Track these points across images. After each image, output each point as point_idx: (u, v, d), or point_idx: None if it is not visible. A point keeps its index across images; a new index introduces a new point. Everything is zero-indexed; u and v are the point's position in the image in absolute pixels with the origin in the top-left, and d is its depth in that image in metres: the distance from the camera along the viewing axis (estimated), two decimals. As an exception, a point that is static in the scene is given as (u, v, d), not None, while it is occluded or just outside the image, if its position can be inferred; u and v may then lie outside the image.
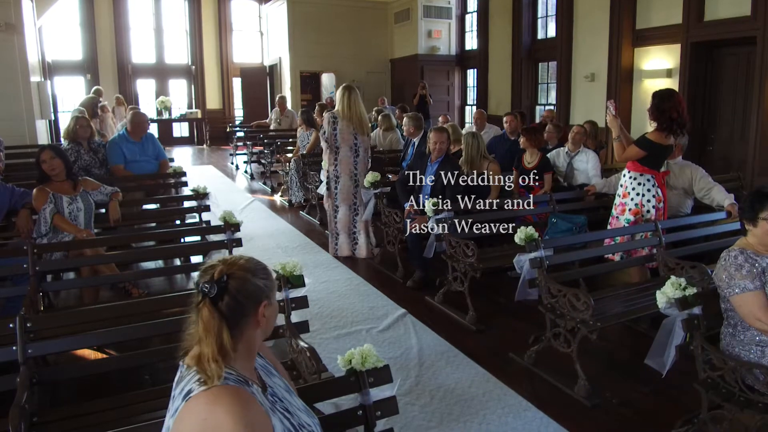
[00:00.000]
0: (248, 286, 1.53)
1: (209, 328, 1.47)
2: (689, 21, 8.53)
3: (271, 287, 1.61)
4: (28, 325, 2.50)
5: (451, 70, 15.76)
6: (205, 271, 1.54)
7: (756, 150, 7.69)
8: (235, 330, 1.50)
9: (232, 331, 1.49)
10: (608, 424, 3.15)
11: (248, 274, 1.54)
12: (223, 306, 1.49)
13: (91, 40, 15.74)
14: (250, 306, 1.54)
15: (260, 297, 1.56)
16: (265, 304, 1.57)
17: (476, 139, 5.62)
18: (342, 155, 5.84)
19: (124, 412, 2.46)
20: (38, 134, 8.70)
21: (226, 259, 1.57)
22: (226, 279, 1.50)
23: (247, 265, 1.57)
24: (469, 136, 5.65)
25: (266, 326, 1.60)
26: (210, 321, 1.48)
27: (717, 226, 4.64)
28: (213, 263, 1.57)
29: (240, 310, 1.52)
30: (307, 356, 2.63)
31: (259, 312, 1.56)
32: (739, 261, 2.65)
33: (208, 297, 1.49)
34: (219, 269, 1.52)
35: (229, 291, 1.50)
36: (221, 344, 1.46)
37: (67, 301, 4.81)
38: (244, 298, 1.52)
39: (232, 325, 1.50)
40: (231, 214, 4.18)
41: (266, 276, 1.60)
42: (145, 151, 5.99)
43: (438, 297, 4.83)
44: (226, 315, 1.49)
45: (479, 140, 5.66)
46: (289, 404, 1.65)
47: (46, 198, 4.27)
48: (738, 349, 2.72)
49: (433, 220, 4.68)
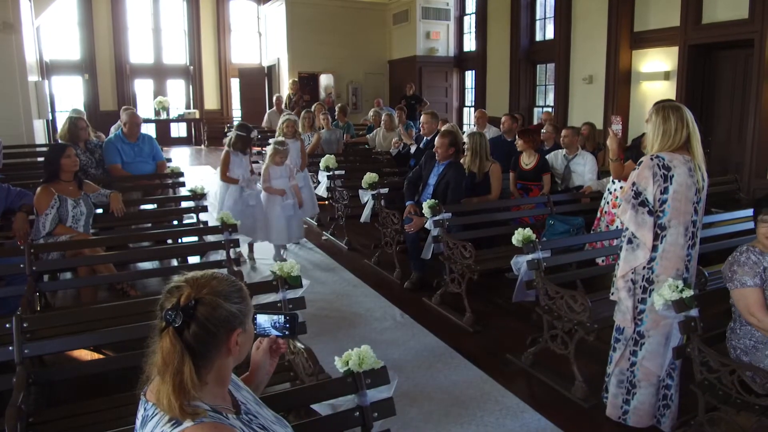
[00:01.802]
0: (219, 313, 1.33)
1: (168, 362, 1.28)
2: (687, 23, 8.55)
3: (245, 312, 1.41)
4: (24, 325, 2.50)
5: (449, 72, 15.76)
6: (169, 294, 1.34)
7: (753, 152, 7.71)
8: (202, 361, 1.32)
9: (198, 363, 1.31)
10: (605, 425, 3.15)
11: (219, 299, 1.34)
12: (189, 336, 1.30)
13: (89, 40, 15.71)
14: (221, 334, 1.34)
15: (233, 324, 1.36)
16: (239, 332, 1.38)
17: (483, 139, 5.64)
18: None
19: (120, 413, 2.46)
20: (35, 134, 8.69)
21: (196, 279, 1.36)
22: (193, 305, 1.31)
23: (218, 288, 1.36)
24: (477, 136, 5.65)
25: (239, 354, 1.41)
26: (171, 354, 1.28)
27: (714, 228, 4.66)
28: (179, 284, 1.36)
29: (209, 340, 1.32)
30: (305, 357, 2.63)
31: (232, 340, 1.37)
32: (743, 258, 2.78)
33: (172, 326, 1.29)
34: (186, 293, 1.32)
35: (197, 319, 1.30)
36: (181, 381, 1.27)
37: (65, 301, 4.80)
38: (214, 326, 1.32)
39: (199, 356, 1.31)
40: (228, 214, 4.18)
41: (241, 299, 1.40)
42: (142, 152, 5.96)
43: (435, 298, 4.84)
44: (192, 346, 1.30)
45: (486, 139, 5.68)
46: (263, 419, 1.52)
47: (51, 199, 4.23)
48: (734, 342, 2.83)
49: (431, 221, 4.68)
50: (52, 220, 4.22)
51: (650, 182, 2.85)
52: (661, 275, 2.89)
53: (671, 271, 2.89)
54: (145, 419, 1.34)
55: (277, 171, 5.75)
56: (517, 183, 5.92)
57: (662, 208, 2.87)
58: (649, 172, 2.85)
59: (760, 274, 2.73)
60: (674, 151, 2.88)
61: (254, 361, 1.76)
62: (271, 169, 5.73)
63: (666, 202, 2.86)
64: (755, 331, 2.74)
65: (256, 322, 1.69)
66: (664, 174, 2.85)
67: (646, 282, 2.92)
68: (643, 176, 2.87)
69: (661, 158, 2.86)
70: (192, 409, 1.27)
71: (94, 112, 15.31)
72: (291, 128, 6.67)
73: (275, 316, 1.70)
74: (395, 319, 4.54)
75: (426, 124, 6.80)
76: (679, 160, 2.88)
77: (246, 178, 5.70)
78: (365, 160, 8.42)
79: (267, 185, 5.71)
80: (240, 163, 5.71)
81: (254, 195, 5.77)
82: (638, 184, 2.89)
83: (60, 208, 4.27)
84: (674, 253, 2.89)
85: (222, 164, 5.72)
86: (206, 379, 1.35)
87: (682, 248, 2.91)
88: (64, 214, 4.29)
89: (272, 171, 5.73)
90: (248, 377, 1.75)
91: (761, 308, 2.69)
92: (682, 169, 2.87)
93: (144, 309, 3.07)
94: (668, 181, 2.85)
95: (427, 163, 5.37)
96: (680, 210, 2.88)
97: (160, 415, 1.29)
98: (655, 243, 2.89)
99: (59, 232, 4.23)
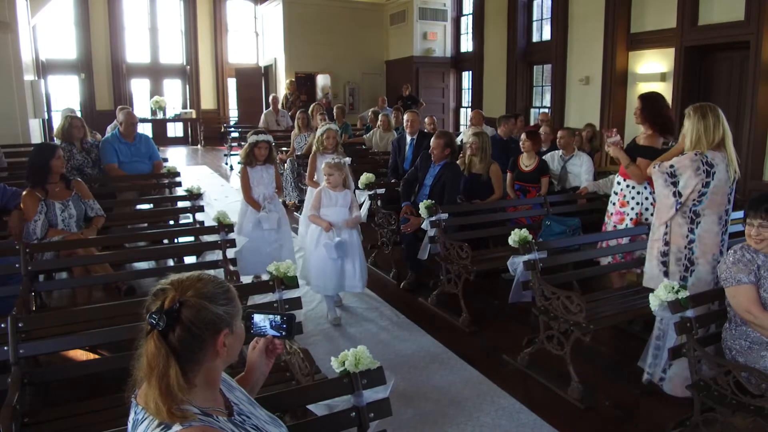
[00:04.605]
0: (204, 316, 1.33)
1: (153, 365, 1.27)
2: (683, 25, 8.57)
3: (233, 313, 1.40)
4: (20, 325, 2.49)
5: (446, 72, 15.76)
6: (155, 297, 1.34)
7: (749, 154, 7.72)
8: (189, 364, 1.32)
9: (185, 366, 1.30)
10: (601, 426, 3.16)
11: (205, 301, 1.34)
12: (174, 339, 1.29)
13: (86, 39, 15.66)
14: (207, 337, 1.34)
15: (219, 326, 1.35)
16: (226, 333, 1.37)
17: (489, 138, 5.64)
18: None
19: (116, 413, 2.44)
20: (31, 133, 8.66)
21: (181, 281, 1.36)
22: (178, 307, 1.30)
23: (204, 290, 1.35)
24: (484, 135, 5.66)
25: (228, 356, 1.40)
26: (155, 357, 1.27)
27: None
28: (164, 286, 1.35)
29: (195, 343, 1.32)
30: (301, 358, 2.63)
31: (218, 342, 1.36)
32: (738, 255, 2.82)
33: (156, 330, 1.29)
34: (170, 296, 1.32)
35: (182, 322, 1.30)
36: (167, 385, 1.26)
37: (60, 301, 4.79)
38: (199, 329, 1.32)
39: (185, 359, 1.30)
40: (225, 214, 4.17)
41: (228, 301, 1.39)
42: (138, 152, 5.95)
43: (432, 299, 4.84)
44: (177, 349, 1.29)
45: (489, 139, 5.69)
46: (256, 419, 1.51)
47: (38, 204, 4.17)
48: (729, 343, 2.83)
49: (428, 222, 4.68)
50: (42, 225, 4.17)
51: (689, 172, 3.24)
52: (701, 258, 3.32)
53: (708, 255, 3.31)
54: (135, 423, 1.33)
55: (332, 197, 4.48)
56: (514, 184, 5.92)
57: (700, 198, 3.28)
58: (691, 164, 3.24)
59: (754, 271, 2.76)
60: (714, 149, 3.26)
61: (250, 361, 1.76)
62: (324, 193, 4.48)
63: (705, 195, 3.27)
64: (751, 332, 2.75)
65: (252, 322, 1.68)
66: (707, 170, 3.23)
67: (689, 262, 3.35)
68: (683, 164, 3.27)
69: (705, 156, 3.25)
70: (181, 413, 1.26)
71: (90, 111, 15.30)
72: (333, 141, 5.51)
73: (272, 316, 1.70)
74: (391, 319, 4.54)
75: (412, 122, 6.58)
76: (719, 158, 3.26)
77: (269, 195, 4.86)
78: (362, 160, 8.41)
79: (313, 214, 4.44)
80: (261, 179, 4.85)
81: (272, 218, 4.83)
82: (676, 168, 3.29)
83: (48, 212, 4.22)
84: (710, 239, 3.31)
85: (242, 183, 4.93)
86: (194, 381, 1.34)
87: (717, 235, 3.33)
88: (52, 218, 4.24)
89: (326, 197, 4.47)
90: (244, 377, 1.75)
91: (756, 305, 2.71)
92: (722, 166, 3.26)
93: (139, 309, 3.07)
94: (710, 177, 3.24)
95: (422, 164, 5.37)
96: (716, 201, 3.30)
97: (150, 419, 1.28)
98: (691, 227, 3.33)
99: (51, 235, 4.20)
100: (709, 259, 3.31)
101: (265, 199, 4.82)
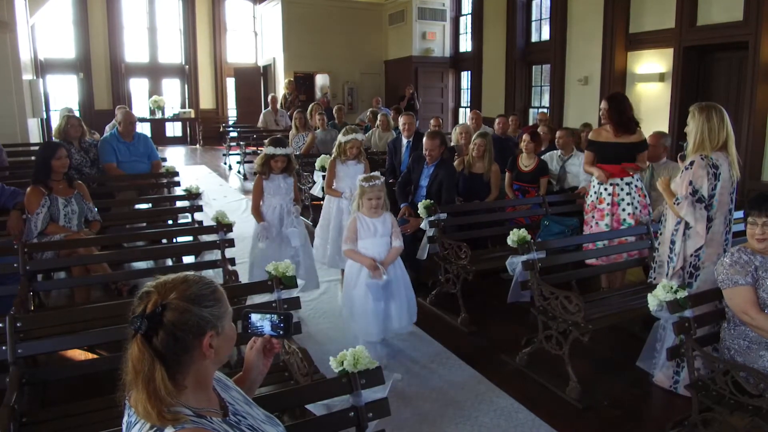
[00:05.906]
0: (187, 318, 1.31)
1: (138, 369, 1.27)
2: (682, 25, 8.59)
3: (219, 315, 1.38)
4: (18, 324, 2.48)
5: (445, 72, 15.77)
6: (139, 300, 1.33)
7: (747, 154, 7.74)
8: (176, 366, 1.30)
9: (171, 369, 1.29)
10: (599, 425, 3.16)
11: (188, 304, 1.32)
12: (158, 342, 1.28)
13: (84, 39, 15.64)
14: (192, 339, 1.32)
15: (204, 328, 1.33)
16: (212, 335, 1.35)
17: (491, 138, 5.65)
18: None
19: (114, 413, 2.42)
20: (30, 133, 8.66)
21: (164, 284, 1.34)
22: (160, 310, 1.29)
23: (187, 292, 1.33)
24: (489, 136, 5.67)
25: (216, 357, 1.38)
26: (140, 361, 1.27)
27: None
28: (149, 289, 1.34)
29: (179, 346, 1.30)
30: (299, 357, 2.63)
31: (204, 344, 1.33)
32: (735, 257, 2.82)
33: (139, 334, 1.28)
34: (153, 299, 1.31)
35: (165, 325, 1.28)
36: (154, 388, 1.25)
37: (58, 300, 4.78)
38: (183, 332, 1.30)
39: (171, 362, 1.29)
40: (223, 214, 4.17)
41: (214, 302, 1.37)
42: (137, 152, 5.95)
43: (430, 299, 4.84)
44: (162, 353, 1.28)
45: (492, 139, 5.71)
46: (252, 419, 1.50)
47: (41, 198, 4.21)
48: (728, 343, 2.84)
49: (426, 222, 4.68)
50: (44, 218, 4.20)
51: (705, 180, 3.28)
52: (707, 261, 3.34)
53: (714, 257, 3.32)
54: (129, 425, 1.32)
55: (370, 227, 3.76)
56: (513, 184, 5.92)
57: (710, 202, 3.33)
58: (703, 171, 3.29)
59: (752, 273, 2.76)
60: (718, 150, 3.31)
61: (248, 360, 1.76)
62: (361, 222, 3.77)
63: (714, 197, 3.32)
64: (749, 332, 2.75)
65: (250, 321, 1.68)
66: (714, 172, 3.31)
67: (693, 268, 3.38)
68: (698, 175, 3.31)
69: (710, 158, 3.31)
70: (172, 416, 1.25)
71: (88, 111, 15.26)
72: (356, 150, 4.90)
73: (269, 315, 1.70)
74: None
75: (409, 125, 6.47)
76: (723, 159, 3.32)
77: (288, 208, 4.40)
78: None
79: (350, 248, 3.76)
80: (278, 189, 4.39)
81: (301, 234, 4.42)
82: (695, 183, 3.31)
83: (51, 206, 4.25)
84: (717, 240, 3.38)
85: (253, 193, 4.49)
86: (184, 383, 1.33)
87: (722, 235, 3.40)
88: (55, 212, 4.27)
89: (362, 226, 3.76)
90: (241, 377, 1.74)
91: (754, 306, 2.71)
92: (725, 167, 3.32)
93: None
94: (717, 179, 3.31)
95: (415, 166, 5.37)
96: (722, 202, 3.36)
97: (142, 422, 1.27)
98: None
99: (51, 231, 4.20)
100: (715, 260, 3.31)
101: (284, 210, 4.37)
